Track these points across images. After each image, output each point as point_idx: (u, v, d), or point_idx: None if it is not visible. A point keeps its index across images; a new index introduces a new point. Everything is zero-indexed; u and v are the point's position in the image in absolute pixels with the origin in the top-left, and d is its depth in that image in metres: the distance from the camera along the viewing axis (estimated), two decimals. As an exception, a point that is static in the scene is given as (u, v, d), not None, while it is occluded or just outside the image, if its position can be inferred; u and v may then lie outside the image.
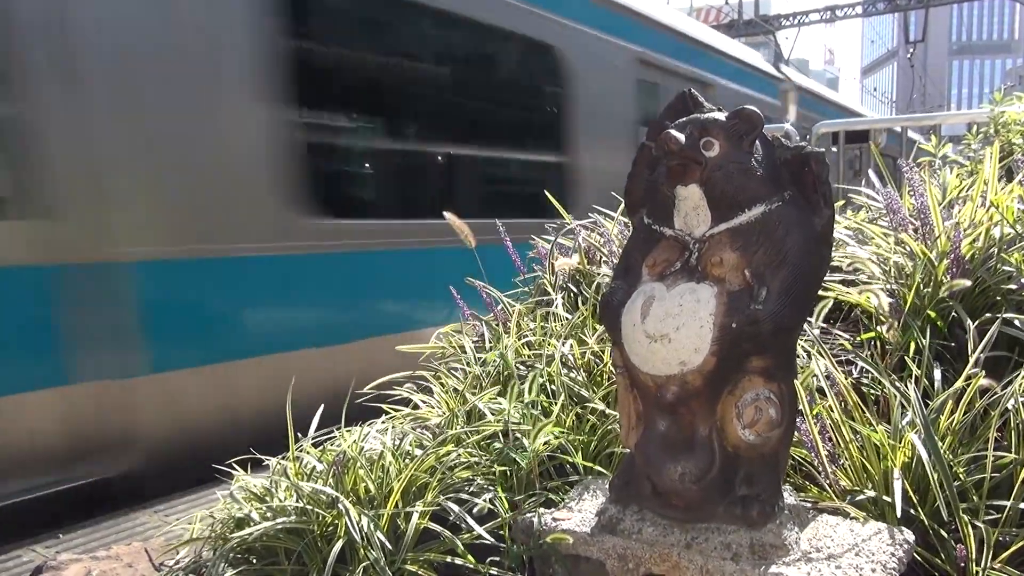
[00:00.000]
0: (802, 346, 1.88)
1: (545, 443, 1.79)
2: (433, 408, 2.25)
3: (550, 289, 2.71)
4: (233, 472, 1.98)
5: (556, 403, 1.95)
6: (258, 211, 3.68)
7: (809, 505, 1.61)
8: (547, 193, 3.29)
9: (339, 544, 1.58)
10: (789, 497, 1.53)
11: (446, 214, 2.56)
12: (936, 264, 2.03)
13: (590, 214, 2.99)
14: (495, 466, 1.82)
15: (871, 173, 2.79)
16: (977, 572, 1.43)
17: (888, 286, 2.12)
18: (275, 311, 3.83)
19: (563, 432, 1.87)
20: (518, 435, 1.83)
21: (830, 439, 1.70)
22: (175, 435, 3.37)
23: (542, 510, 1.64)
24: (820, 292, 1.93)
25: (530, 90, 5.74)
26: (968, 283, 1.96)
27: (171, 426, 3.38)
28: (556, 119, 5.62)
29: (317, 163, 4.06)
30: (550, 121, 5.67)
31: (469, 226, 2.56)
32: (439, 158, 4.97)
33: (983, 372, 1.67)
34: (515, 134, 5.62)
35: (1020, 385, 1.63)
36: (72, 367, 3.09)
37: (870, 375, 1.88)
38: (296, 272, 3.87)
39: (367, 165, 4.73)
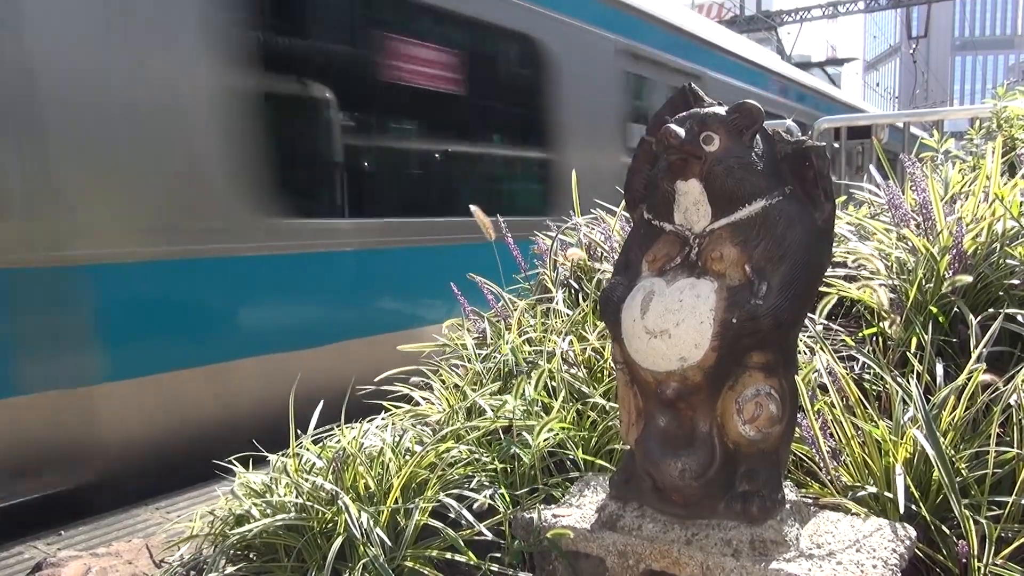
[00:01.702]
0: (803, 342, 1.87)
1: (545, 439, 1.79)
2: (433, 404, 2.24)
3: (551, 285, 2.70)
4: (234, 468, 1.98)
5: (556, 399, 1.94)
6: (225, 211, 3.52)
7: (810, 501, 1.61)
8: (525, 190, 3.16)
9: (339, 541, 1.58)
10: (790, 493, 1.52)
11: (472, 208, 2.45)
12: (938, 259, 2.02)
13: (591, 211, 2.99)
14: (495, 462, 1.81)
15: (872, 168, 2.78)
16: (979, 568, 1.43)
17: (890, 282, 2.11)
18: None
19: (564, 428, 1.87)
20: (521, 431, 1.82)
21: (831, 435, 1.69)
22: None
23: (542, 506, 1.64)
24: (822, 288, 1.92)
25: (509, 83, 5.47)
26: (970, 279, 1.95)
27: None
28: (536, 114, 5.36)
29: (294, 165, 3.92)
30: (528, 116, 5.40)
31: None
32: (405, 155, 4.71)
33: (985, 367, 1.66)
34: (490, 129, 5.32)
35: (1022, 380, 1.63)
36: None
37: (872, 371, 1.87)
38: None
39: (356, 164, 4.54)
